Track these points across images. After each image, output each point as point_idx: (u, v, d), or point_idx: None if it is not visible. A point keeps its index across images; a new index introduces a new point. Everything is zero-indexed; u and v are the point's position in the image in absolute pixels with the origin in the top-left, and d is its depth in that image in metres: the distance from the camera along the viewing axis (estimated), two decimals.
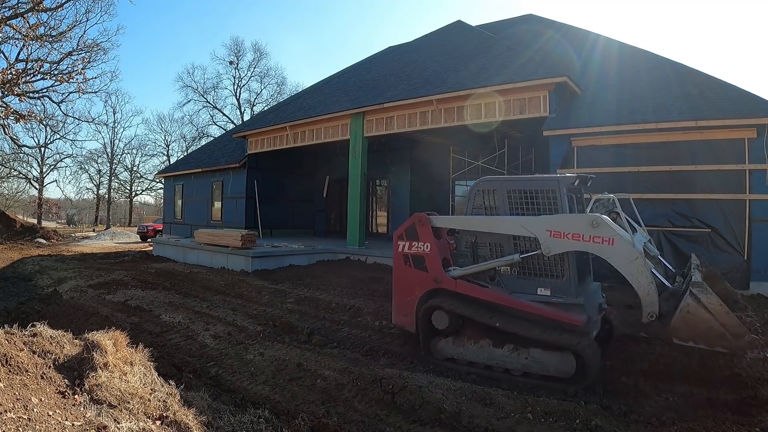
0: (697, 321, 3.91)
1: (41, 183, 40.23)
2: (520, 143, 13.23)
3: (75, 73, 21.75)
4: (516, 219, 4.71)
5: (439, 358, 5.09)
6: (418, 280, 5.21)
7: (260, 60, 48.16)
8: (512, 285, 4.84)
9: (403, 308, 5.39)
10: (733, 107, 8.24)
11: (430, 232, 5.16)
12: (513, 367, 4.69)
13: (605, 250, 4.27)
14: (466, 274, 4.95)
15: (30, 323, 3.56)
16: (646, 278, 4.19)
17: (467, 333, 4.98)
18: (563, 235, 4.41)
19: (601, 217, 4.32)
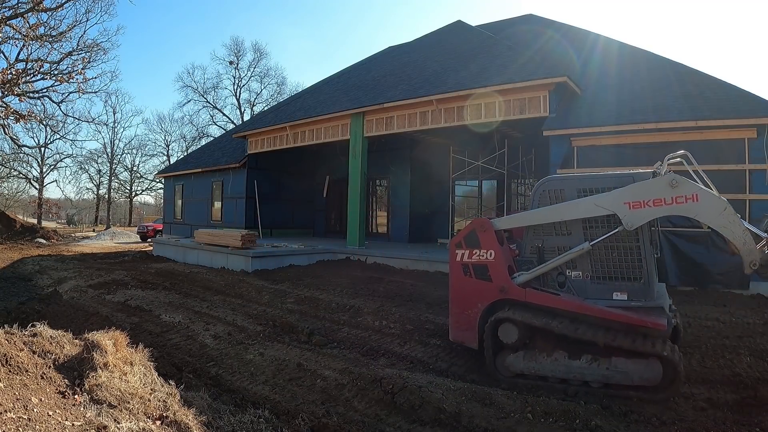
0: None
1: (41, 183, 40.25)
2: (520, 143, 13.24)
3: (75, 73, 21.78)
4: (589, 199, 4.36)
5: (508, 374, 4.65)
6: (481, 291, 4.80)
7: (260, 60, 48.25)
8: (585, 291, 4.49)
9: (463, 322, 4.93)
10: (733, 107, 8.24)
11: (494, 237, 4.75)
12: (592, 378, 4.31)
13: (692, 208, 4.04)
14: (533, 276, 4.60)
15: (30, 323, 3.57)
16: (739, 227, 3.96)
17: (539, 345, 4.57)
18: (643, 203, 4.15)
19: (680, 177, 4.07)
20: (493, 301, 4.72)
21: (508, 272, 4.68)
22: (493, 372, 4.72)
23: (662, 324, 4.04)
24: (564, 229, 4.58)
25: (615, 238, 4.36)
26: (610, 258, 4.41)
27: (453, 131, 12.62)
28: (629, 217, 4.16)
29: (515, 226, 5.05)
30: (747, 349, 4.98)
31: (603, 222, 4.38)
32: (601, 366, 4.26)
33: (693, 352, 4.96)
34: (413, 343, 5.63)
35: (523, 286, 4.60)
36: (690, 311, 6.58)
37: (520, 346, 4.60)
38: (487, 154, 13.51)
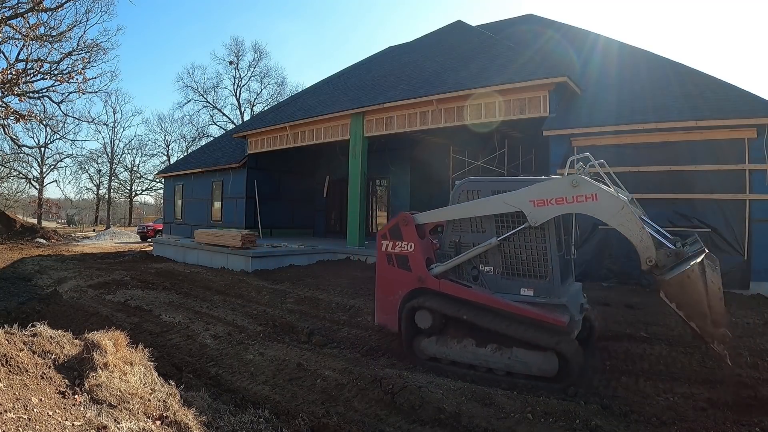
0: (690, 290, 3.86)
1: (41, 183, 40.25)
2: (520, 143, 13.24)
3: (75, 73, 21.73)
4: (498, 197, 4.70)
5: (422, 357, 5.07)
6: (402, 280, 5.20)
7: (260, 60, 48.23)
8: (495, 285, 4.84)
9: (386, 308, 5.35)
10: (733, 107, 8.24)
11: (414, 231, 5.16)
12: (496, 366, 4.68)
13: (591, 206, 4.30)
14: (448, 268, 4.96)
15: (30, 323, 3.57)
16: (636, 225, 4.17)
17: (450, 332, 4.97)
18: (547, 202, 4.43)
19: (580, 176, 4.34)
20: (412, 289, 5.09)
21: (426, 264, 5.06)
22: (410, 354, 5.14)
23: (562, 320, 4.35)
24: (479, 227, 4.91)
25: (524, 238, 4.69)
26: (518, 256, 4.73)
27: (453, 131, 12.62)
28: (533, 213, 4.45)
29: (434, 221, 5.33)
30: (747, 349, 4.98)
31: (513, 220, 4.68)
32: (504, 355, 4.61)
33: (693, 352, 4.96)
34: None
35: (438, 277, 4.96)
36: None
37: (434, 332, 4.98)
38: (487, 154, 13.51)
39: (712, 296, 3.84)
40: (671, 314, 6.43)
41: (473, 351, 4.78)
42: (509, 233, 4.66)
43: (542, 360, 4.44)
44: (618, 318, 6.36)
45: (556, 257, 4.57)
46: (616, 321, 6.21)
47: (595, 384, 4.41)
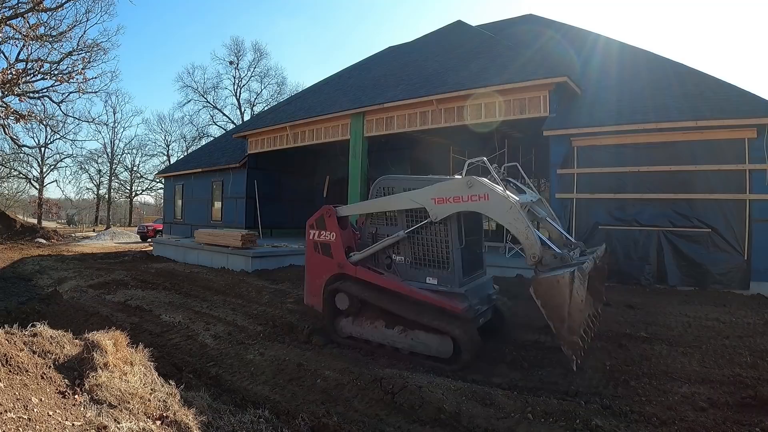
0: (556, 293, 4.16)
1: (41, 183, 40.26)
2: (520, 143, 13.24)
3: (75, 73, 21.75)
4: (406, 194, 5.17)
5: (342, 335, 5.68)
6: (325, 266, 5.76)
7: (260, 60, 48.25)
8: (406, 273, 5.31)
9: (313, 290, 5.93)
10: (733, 107, 8.23)
11: (336, 222, 5.72)
12: (401, 346, 5.18)
13: (482, 205, 4.74)
14: (363, 257, 5.50)
15: (30, 323, 3.57)
16: (522, 224, 4.51)
17: (365, 314, 5.52)
18: (446, 200, 4.87)
19: (475, 178, 4.77)
20: (333, 274, 5.69)
21: (347, 252, 5.64)
22: (331, 332, 5.76)
23: (458, 307, 4.83)
24: (393, 220, 5.44)
25: (429, 232, 5.16)
26: (425, 248, 5.21)
27: (453, 131, 12.61)
28: (435, 210, 4.93)
29: (352, 213, 5.99)
30: (747, 349, 4.98)
31: (419, 216, 5.15)
32: (407, 336, 5.14)
33: (693, 352, 4.96)
34: None
35: (356, 264, 5.53)
36: (690, 311, 6.58)
37: (351, 313, 5.59)
38: (487, 154, 13.41)
39: (573, 305, 4.08)
40: (671, 314, 6.46)
41: (383, 331, 5.32)
42: (414, 227, 5.17)
43: (439, 342, 4.92)
44: (618, 318, 6.36)
45: (457, 250, 5.02)
46: (617, 321, 6.21)
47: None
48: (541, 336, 5.68)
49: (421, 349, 5.05)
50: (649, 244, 8.54)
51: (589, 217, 9.14)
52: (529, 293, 4.44)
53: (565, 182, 9.43)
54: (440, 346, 4.91)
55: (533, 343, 5.44)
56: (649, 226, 8.56)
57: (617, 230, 8.84)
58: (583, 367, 4.66)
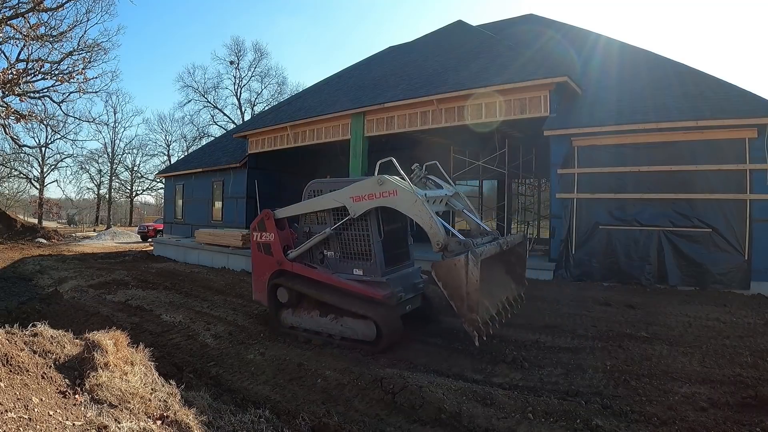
0: (454, 275, 4.59)
1: (42, 183, 40.27)
2: (520, 143, 13.23)
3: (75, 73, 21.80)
4: (329, 195, 5.75)
5: (285, 326, 6.20)
6: (267, 263, 6.35)
7: (261, 60, 48.17)
8: (336, 267, 5.85)
9: (258, 287, 6.53)
10: (734, 107, 8.23)
11: (274, 224, 6.35)
12: (333, 332, 5.71)
13: (393, 200, 5.20)
14: (299, 254, 6.09)
15: (31, 323, 3.57)
16: (426, 215, 4.96)
17: (303, 306, 6.07)
18: (362, 197, 5.41)
19: (385, 177, 5.26)
20: (274, 271, 6.25)
21: (285, 250, 6.21)
22: (275, 324, 6.30)
23: (379, 295, 5.29)
24: (322, 219, 5.98)
25: (353, 227, 5.68)
26: (351, 242, 5.73)
27: (453, 131, 12.61)
28: (353, 207, 5.48)
29: (287, 215, 6.45)
30: (747, 349, 4.97)
31: (342, 214, 5.66)
32: (338, 323, 5.67)
33: (694, 352, 4.96)
34: (413, 342, 5.63)
35: (292, 260, 6.11)
36: (690, 311, 6.58)
37: (291, 305, 6.14)
38: (488, 154, 13.50)
39: (470, 286, 4.51)
40: (672, 314, 6.46)
41: (317, 320, 5.86)
42: (338, 224, 5.70)
43: (364, 327, 5.44)
44: (619, 318, 6.36)
45: (378, 243, 5.55)
46: (617, 321, 6.21)
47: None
48: (541, 336, 5.69)
49: (349, 333, 5.58)
50: (649, 244, 8.54)
51: (590, 217, 9.13)
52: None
53: (565, 182, 9.42)
54: (365, 330, 5.43)
55: (533, 343, 5.44)
56: (650, 226, 8.56)
57: (618, 230, 8.84)
58: (583, 367, 4.67)
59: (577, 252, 9.18)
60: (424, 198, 5.16)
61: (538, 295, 7.81)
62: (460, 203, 6.11)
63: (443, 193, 5.92)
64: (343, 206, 5.59)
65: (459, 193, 6.19)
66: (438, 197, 5.76)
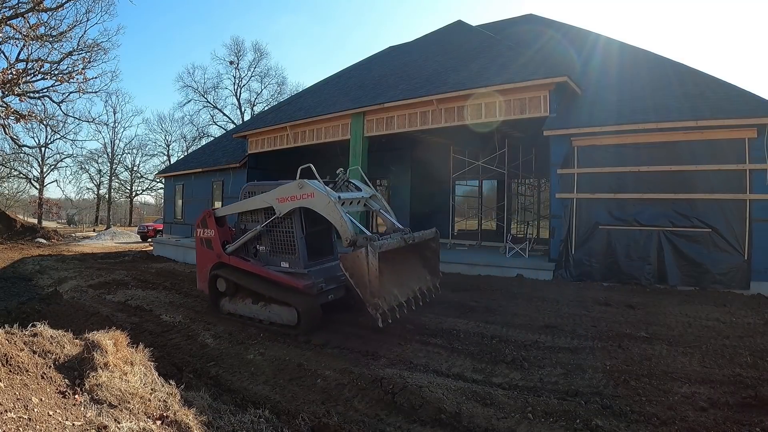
0: (358, 265, 5.20)
1: (41, 183, 40.26)
2: (520, 143, 13.23)
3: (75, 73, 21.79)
4: (260, 196, 6.53)
5: (224, 313, 6.97)
6: (209, 257, 7.15)
7: (260, 60, 48.22)
8: (267, 260, 6.60)
9: (201, 277, 7.32)
10: (733, 107, 8.23)
11: (214, 222, 7.12)
12: (263, 318, 6.41)
13: (310, 201, 5.89)
14: (235, 248, 6.84)
15: (30, 323, 3.57)
16: (338, 214, 5.57)
17: (239, 294, 6.82)
18: (286, 198, 6.13)
19: (305, 181, 5.95)
20: (214, 263, 7.04)
21: (224, 245, 6.99)
22: (215, 311, 7.10)
23: (300, 284, 6.02)
24: (256, 217, 6.75)
25: (282, 225, 6.44)
26: (278, 238, 6.52)
27: (453, 131, 12.61)
28: (279, 207, 6.24)
29: (225, 214, 7.35)
30: (747, 349, 4.97)
31: (271, 213, 6.38)
32: (267, 309, 6.39)
33: (693, 352, 4.96)
34: (413, 342, 5.63)
35: (230, 254, 6.87)
36: (690, 311, 6.58)
37: (228, 294, 6.92)
38: (488, 154, 13.51)
39: (371, 274, 5.07)
40: (671, 314, 6.47)
41: (250, 307, 6.59)
42: (267, 222, 6.45)
43: (288, 313, 6.12)
44: (618, 318, 6.36)
45: (301, 239, 6.30)
46: (617, 321, 6.21)
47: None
48: (541, 336, 5.69)
49: (275, 319, 6.28)
50: (649, 243, 8.54)
51: (590, 217, 9.13)
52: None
53: (565, 182, 9.43)
54: (288, 316, 6.12)
55: (533, 343, 5.44)
56: (650, 226, 8.56)
57: (617, 230, 8.84)
58: (583, 367, 4.67)
59: (577, 252, 9.18)
60: (337, 200, 5.78)
61: (538, 295, 7.82)
62: (378, 204, 6.80)
63: (359, 195, 6.60)
64: (271, 206, 6.34)
65: (377, 195, 6.91)
66: (355, 199, 6.48)
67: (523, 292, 8.16)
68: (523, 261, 10.41)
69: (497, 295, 8.03)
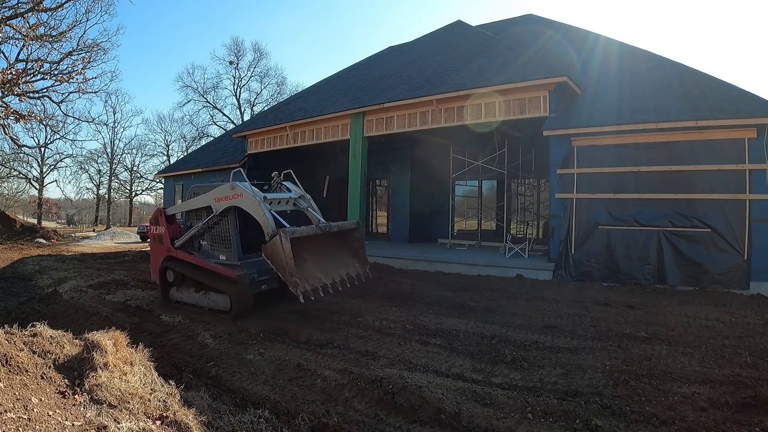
0: (275, 251, 5.84)
1: (41, 183, 40.25)
2: (520, 143, 13.23)
3: (75, 73, 21.76)
4: (201, 197, 7.32)
5: (173, 301, 7.72)
6: (160, 251, 7.88)
7: (260, 60, 48.29)
8: (208, 253, 7.37)
9: (154, 269, 8.08)
10: (733, 107, 8.24)
11: (165, 219, 7.86)
12: (204, 304, 7.23)
13: (240, 201, 6.58)
14: (182, 243, 7.59)
15: (30, 323, 3.57)
16: (261, 212, 6.22)
17: (185, 284, 7.59)
18: (220, 198, 6.87)
19: (236, 183, 6.66)
20: (165, 257, 7.76)
21: (173, 240, 7.69)
22: (166, 299, 7.83)
23: (233, 275, 6.74)
24: (200, 216, 7.45)
25: (220, 222, 7.18)
26: (218, 234, 7.27)
27: (453, 131, 12.62)
28: (215, 206, 6.98)
29: (174, 212, 8.11)
30: (747, 349, 4.98)
31: (211, 211, 7.10)
32: (207, 297, 7.21)
33: (693, 352, 4.96)
34: (413, 342, 5.63)
35: (177, 248, 7.59)
36: (689, 311, 6.58)
37: (176, 284, 7.70)
38: (487, 154, 13.51)
39: (286, 256, 5.73)
40: (671, 314, 6.47)
41: (194, 296, 7.40)
42: (207, 219, 7.19)
43: (223, 300, 6.95)
44: (618, 318, 6.36)
45: (235, 234, 7.04)
46: (617, 321, 6.21)
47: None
48: (541, 336, 5.69)
49: (213, 305, 7.08)
50: (649, 244, 8.54)
51: (589, 217, 9.14)
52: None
53: (565, 182, 9.43)
54: (223, 303, 6.94)
55: (533, 343, 5.44)
56: (649, 226, 8.56)
57: (617, 230, 8.85)
58: (582, 367, 4.67)
59: (576, 252, 9.19)
60: (263, 199, 6.46)
61: (538, 295, 7.82)
62: (305, 203, 7.51)
63: (287, 195, 7.33)
64: (209, 205, 7.09)
65: (305, 195, 7.59)
66: (283, 198, 7.21)
67: (523, 292, 8.16)
68: (522, 261, 10.42)
69: (497, 295, 8.03)
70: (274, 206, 6.75)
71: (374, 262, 11.73)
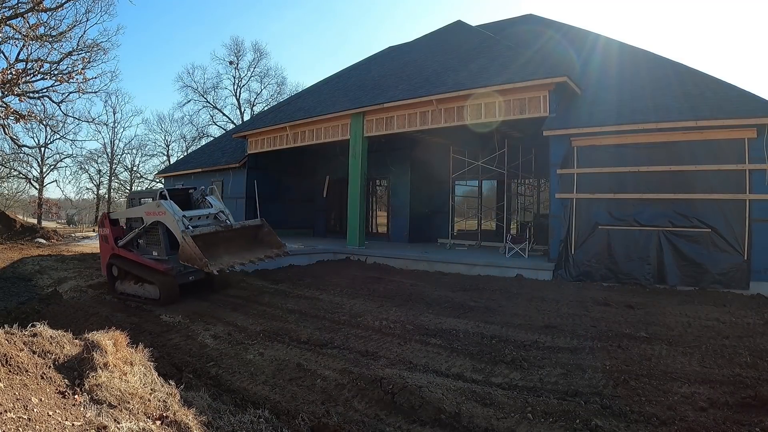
0: (185, 250, 6.98)
1: (41, 183, 40.19)
2: (520, 143, 13.24)
3: (75, 73, 21.73)
4: (136, 208, 8.71)
5: (117, 293, 8.75)
6: (106, 249, 9.14)
7: (260, 60, 47.99)
8: (144, 251, 8.56)
9: (103, 265, 9.30)
10: (733, 107, 8.24)
11: (109, 222, 9.16)
12: (140, 294, 8.21)
13: (162, 217, 7.73)
14: (124, 243, 8.72)
15: (30, 323, 3.57)
16: (178, 228, 7.34)
17: (127, 278, 8.68)
18: (150, 213, 8.06)
19: (161, 201, 7.77)
20: (110, 254, 8.95)
21: (116, 240, 8.86)
22: (113, 292, 8.85)
23: (162, 268, 8.04)
24: (139, 223, 8.46)
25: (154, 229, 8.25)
26: (153, 237, 8.37)
27: (453, 131, 12.63)
28: (146, 218, 8.22)
29: (117, 217, 9.47)
30: (747, 349, 4.97)
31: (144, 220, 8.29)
32: (142, 288, 8.25)
33: (693, 352, 4.96)
34: (413, 342, 5.63)
35: (121, 247, 8.75)
36: (689, 311, 6.58)
37: (120, 278, 8.82)
38: (487, 154, 13.51)
39: (191, 248, 6.87)
40: (671, 314, 6.47)
41: (133, 287, 8.44)
42: (143, 226, 8.31)
43: (153, 290, 8.01)
44: (618, 318, 6.36)
45: (164, 234, 8.09)
46: (617, 321, 6.21)
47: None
48: (541, 336, 5.69)
49: (147, 294, 8.08)
50: (649, 244, 8.54)
51: (589, 217, 9.14)
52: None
53: (565, 182, 9.43)
54: (154, 292, 7.98)
55: (533, 343, 5.44)
56: (649, 226, 8.56)
57: (617, 230, 8.85)
58: (582, 367, 4.67)
59: (576, 252, 9.19)
60: (181, 217, 7.46)
61: (538, 295, 7.82)
62: (224, 216, 8.27)
63: (207, 211, 8.20)
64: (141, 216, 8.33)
65: (224, 211, 8.36)
66: (203, 214, 8.08)
67: (523, 292, 8.17)
68: (522, 261, 10.42)
69: (497, 295, 8.03)
70: (194, 221, 7.69)
71: (374, 262, 11.75)
